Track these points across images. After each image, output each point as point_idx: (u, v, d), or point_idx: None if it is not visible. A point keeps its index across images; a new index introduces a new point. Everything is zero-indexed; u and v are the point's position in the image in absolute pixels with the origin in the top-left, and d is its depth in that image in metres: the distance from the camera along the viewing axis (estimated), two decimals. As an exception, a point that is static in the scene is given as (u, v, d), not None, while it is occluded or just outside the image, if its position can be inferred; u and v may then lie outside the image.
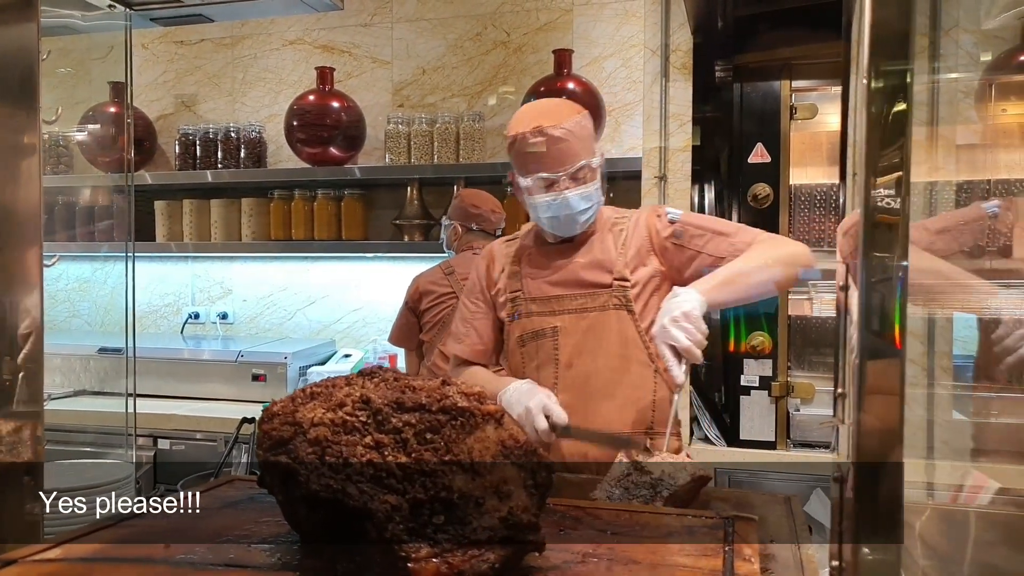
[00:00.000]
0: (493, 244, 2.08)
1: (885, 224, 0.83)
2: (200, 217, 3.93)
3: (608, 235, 1.92)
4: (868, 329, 0.81)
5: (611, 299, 1.86)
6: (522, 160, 1.82)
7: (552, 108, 1.86)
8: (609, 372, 1.86)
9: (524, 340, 1.91)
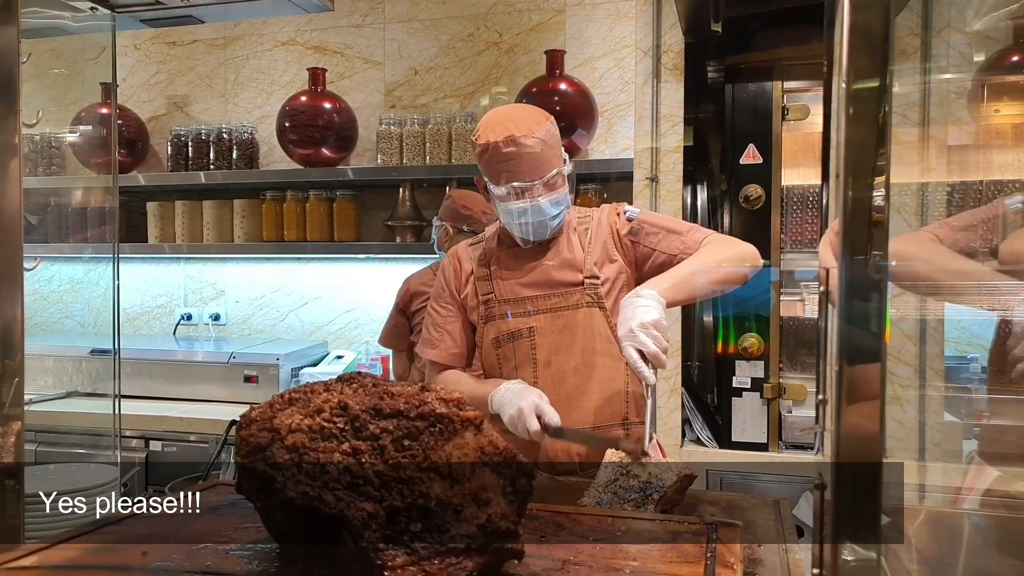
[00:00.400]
0: (457, 248, 2.08)
1: (865, 226, 0.81)
2: (192, 218, 3.92)
3: (574, 235, 1.96)
4: (848, 333, 0.80)
5: (583, 297, 1.90)
6: (494, 169, 1.84)
7: (521, 116, 1.85)
8: (585, 368, 1.90)
9: (500, 342, 1.93)
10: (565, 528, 1.06)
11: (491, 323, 1.95)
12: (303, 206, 3.74)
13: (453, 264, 2.05)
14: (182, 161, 3.89)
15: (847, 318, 0.79)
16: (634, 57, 3.47)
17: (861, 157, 0.83)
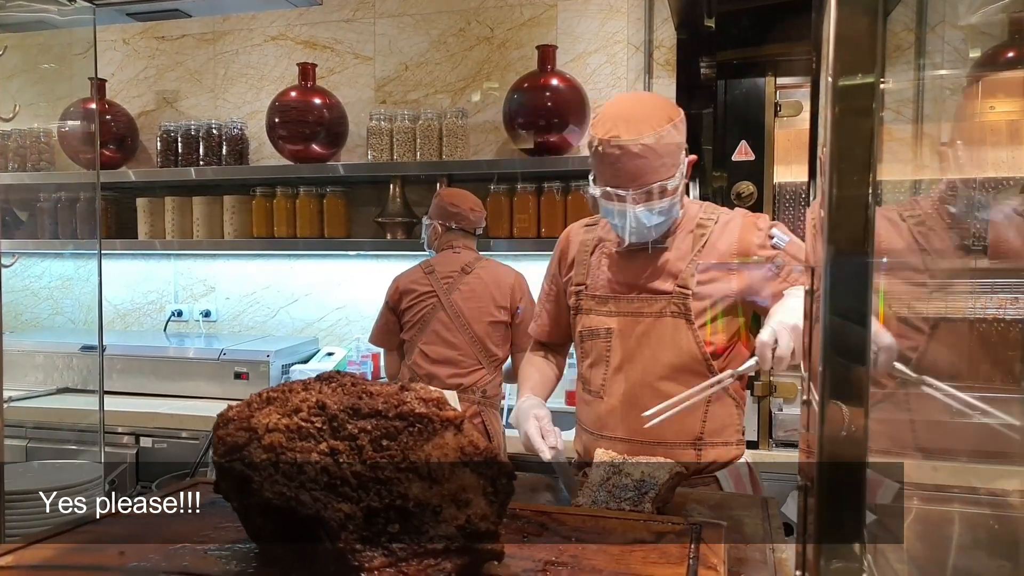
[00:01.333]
0: (571, 228, 2.03)
1: (850, 224, 0.80)
2: (182, 214, 3.90)
3: (687, 237, 1.82)
4: (833, 329, 0.79)
5: (669, 306, 1.79)
6: (596, 165, 1.74)
7: (638, 115, 1.70)
8: (657, 380, 1.79)
9: (583, 336, 1.90)
10: (548, 528, 1.05)
11: (579, 315, 1.91)
12: (293, 202, 3.72)
13: (562, 244, 2.01)
14: (171, 157, 3.87)
15: (832, 313, 0.78)
16: (626, 52, 3.47)
17: (847, 154, 0.82)
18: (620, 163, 1.68)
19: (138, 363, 3.73)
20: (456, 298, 2.91)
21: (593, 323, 1.87)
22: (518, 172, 3.44)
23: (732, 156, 2.87)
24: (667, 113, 1.72)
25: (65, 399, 3.68)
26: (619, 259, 1.86)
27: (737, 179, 2.89)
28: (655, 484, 1.52)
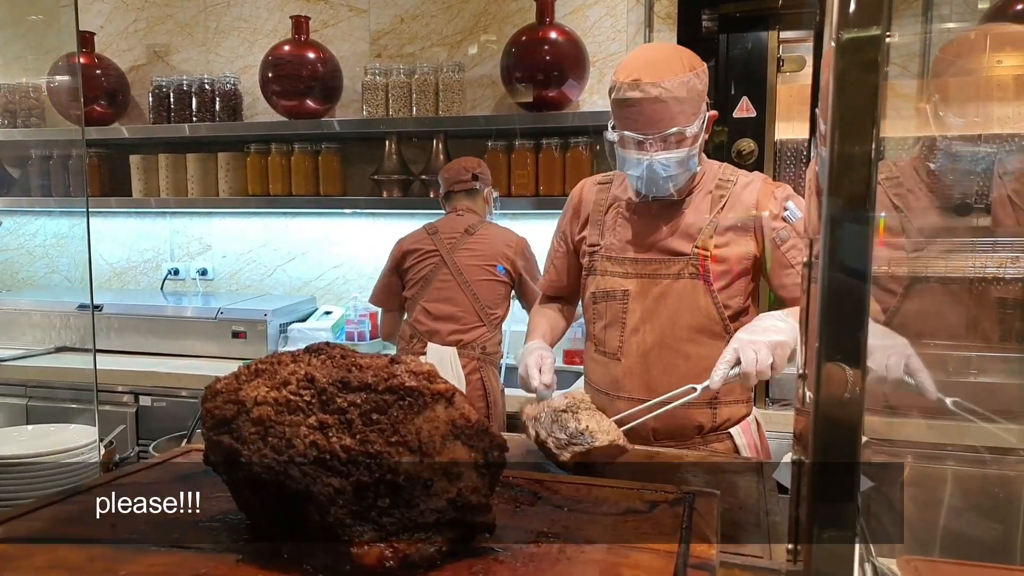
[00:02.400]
0: (584, 184, 2.00)
1: (852, 181, 0.77)
2: (176, 171, 3.86)
3: (706, 199, 1.81)
4: (831, 288, 0.76)
5: (687, 267, 1.79)
6: (616, 110, 1.72)
7: (661, 59, 1.69)
8: (675, 342, 1.80)
9: (596, 298, 1.88)
10: (542, 497, 1.05)
11: (592, 276, 1.90)
12: (288, 159, 3.68)
13: (574, 201, 1.99)
14: (164, 113, 3.81)
15: (831, 270, 0.76)
16: (626, 5, 3.39)
17: (850, 110, 0.79)
18: (639, 107, 1.67)
19: (135, 322, 3.72)
20: (458, 257, 2.91)
21: (608, 285, 1.86)
22: (516, 128, 3.39)
23: (733, 113, 2.81)
24: (690, 62, 1.71)
25: (63, 358, 3.69)
26: (636, 219, 1.84)
27: (738, 136, 2.85)
28: (588, 443, 1.50)
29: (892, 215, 1.87)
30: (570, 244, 2.00)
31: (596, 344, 1.90)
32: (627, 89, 1.66)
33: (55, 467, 1.56)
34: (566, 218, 2.01)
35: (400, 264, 3.03)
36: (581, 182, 2.02)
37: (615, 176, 1.92)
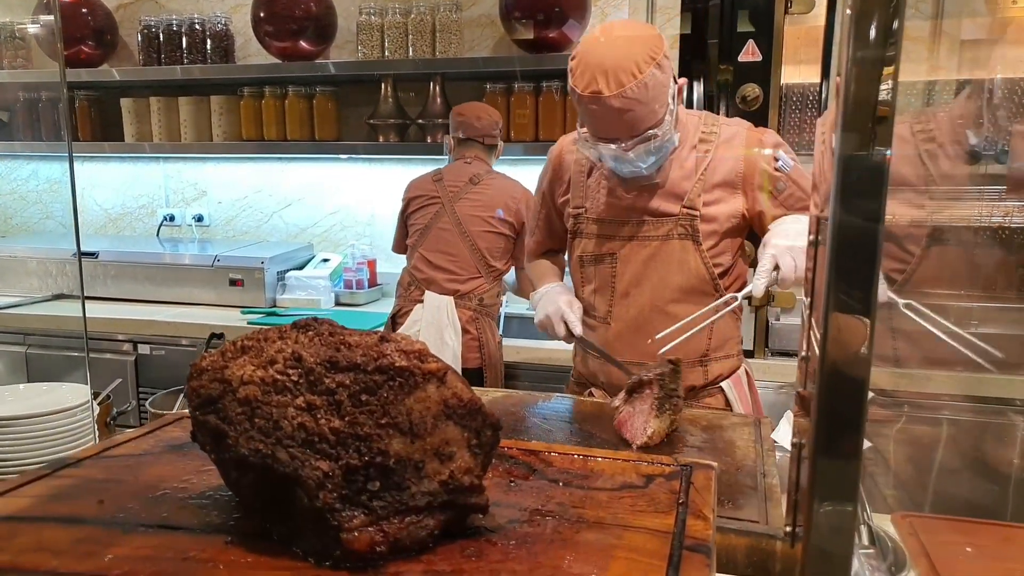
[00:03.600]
0: (562, 144, 1.94)
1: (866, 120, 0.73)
2: (169, 115, 3.78)
3: (690, 155, 1.76)
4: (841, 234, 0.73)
5: (676, 228, 1.76)
6: (582, 115, 1.67)
7: (619, 61, 1.56)
8: (665, 304, 1.79)
9: (583, 261, 1.85)
10: (536, 471, 1.03)
11: (578, 239, 1.86)
12: (282, 103, 3.60)
13: (553, 163, 1.93)
14: (154, 54, 3.71)
15: (843, 212, 0.72)
16: (628, -58, 3.26)
17: (865, 52, 0.74)
18: (606, 118, 1.60)
19: (132, 269, 3.70)
20: (460, 207, 2.87)
21: (596, 248, 1.82)
22: (516, 70, 3.31)
23: (738, 57, 2.73)
24: (648, 51, 1.57)
25: (61, 305, 3.68)
26: (620, 181, 1.79)
27: (743, 81, 2.77)
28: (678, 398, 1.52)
29: (918, 167, 1.83)
30: (553, 206, 1.96)
31: (586, 308, 1.87)
32: (588, 102, 1.59)
33: (48, 428, 1.55)
34: (546, 180, 1.95)
35: (406, 210, 3.01)
36: (559, 141, 1.96)
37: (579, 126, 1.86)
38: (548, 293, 1.86)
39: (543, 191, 1.96)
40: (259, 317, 3.39)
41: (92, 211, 4.24)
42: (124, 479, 1.01)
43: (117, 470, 1.04)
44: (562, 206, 1.91)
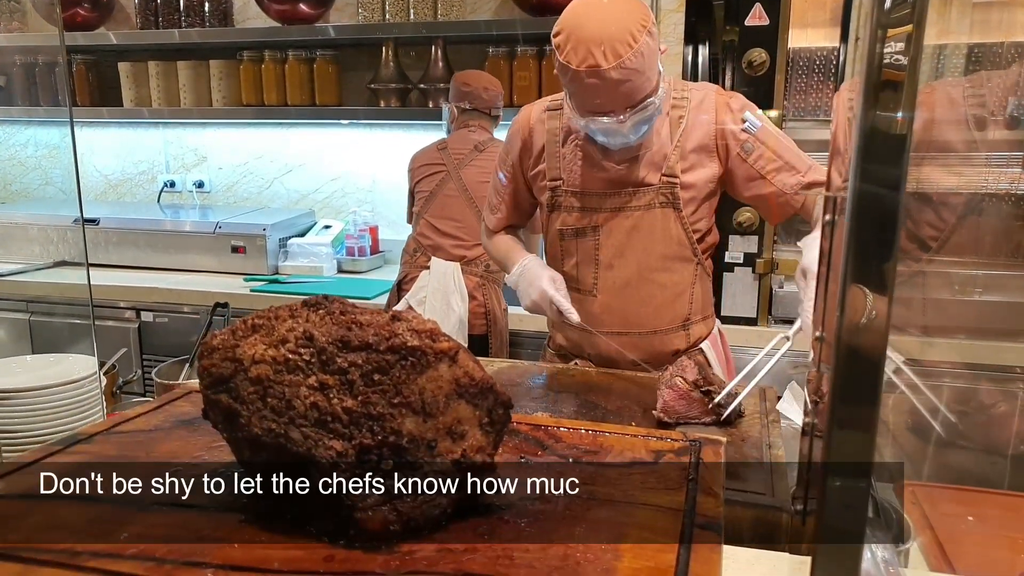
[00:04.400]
0: (531, 112, 1.86)
1: (891, 86, 0.71)
2: (167, 80, 3.73)
3: (664, 122, 1.74)
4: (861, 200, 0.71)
5: (657, 197, 1.75)
6: (572, 91, 1.61)
7: (613, 34, 1.52)
8: (650, 273, 1.79)
9: (564, 235, 1.83)
10: (546, 447, 1.04)
11: (556, 213, 1.83)
12: (282, 67, 3.55)
13: (522, 134, 1.85)
14: (151, 17, 3.66)
15: (862, 181, 0.71)
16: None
17: (890, 7, 0.72)
18: (604, 92, 1.55)
19: (133, 236, 3.68)
20: (466, 174, 2.86)
21: (577, 221, 1.80)
22: (519, 33, 3.25)
23: (745, 21, 2.68)
24: (639, 19, 1.54)
25: (63, 272, 3.67)
26: (598, 151, 1.76)
27: (750, 45, 2.72)
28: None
29: (963, 132, 1.80)
30: (521, 179, 1.89)
31: (569, 281, 1.85)
32: (585, 77, 1.53)
33: (56, 400, 1.55)
34: (515, 151, 1.87)
35: (412, 179, 3.00)
36: (526, 109, 1.87)
37: (566, 101, 1.78)
38: (527, 271, 1.80)
39: (512, 164, 1.88)
40: (262, 284, 3.39)
41: (92, 177, 4.22)
42: (136, 455, 1.02)
43: (129, 446, 1.05)
44: (533, 179, 1.86)
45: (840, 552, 0.76)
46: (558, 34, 1.57)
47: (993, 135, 1.88)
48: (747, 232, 2.72)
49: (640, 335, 1.83)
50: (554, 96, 1.85)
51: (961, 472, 1.71)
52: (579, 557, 0.78)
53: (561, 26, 1.57)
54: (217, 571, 0.76)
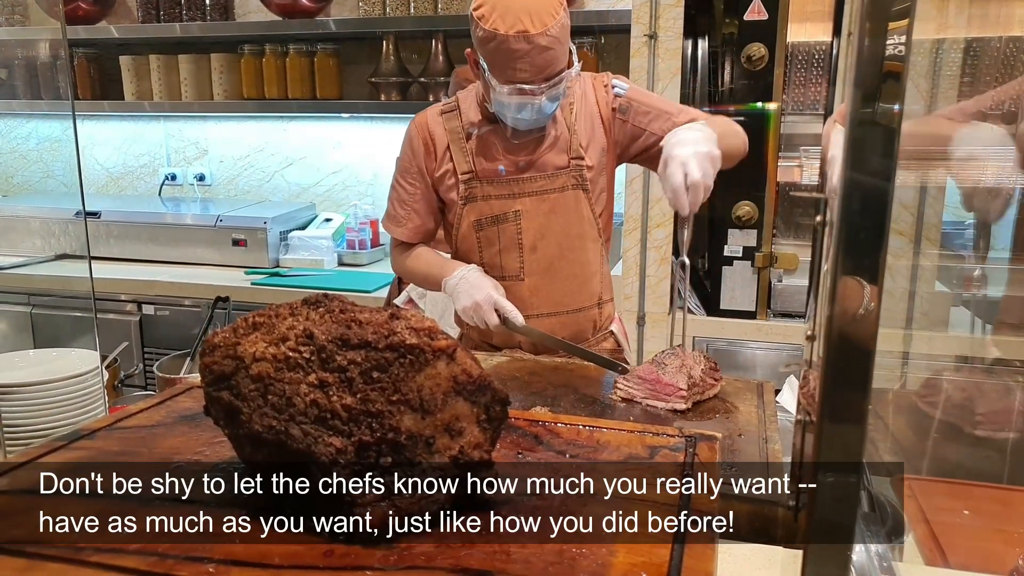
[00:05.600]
0: (426, 116, 1.88)
1: (883, 79, 0.72)
2: (169, 73, 3.74)
3: (559, 110, 1.81)
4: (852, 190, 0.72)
5: (569, 179, 1.82)
6: (496, 61, 1.65)
7: (538, 3, 1.61)
8: (570, 253, 1.86)
9: (482, 224, 1.85)
10: (543, 442, 1.05)
11: (472, 204, 1.85)
12: (283, 61, 3.56)
13: (422, 136, 1.86)
14: (153, 11, 3.66)
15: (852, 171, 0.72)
16: None
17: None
18: (529, 58, 1.61)
19: (134, 229, 3.69)
20: None
21: (495, 208, 1.83)
22: (518, 28, 3.25)
23: (744, 16, 2.68)
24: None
25: (64, 265, 3.68)
26: (504, 140, 1.81)
27: (749, 40, 2.72)
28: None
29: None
30: (428, 182, 1.88)
31: (493, 270, 1.86)
32: (514, 41, 1.59)
33: (59, 394, 1.57)
34: (418, 157, 1.86)
35: None
36: (419, 117, 1.89)
37: (459, 100, 1.87)
38: (467, 276, 1.79)
39: (417, 170, 1.87)
40: (263, 278, 3.40)
41: (93, 170, 4.22)
42: (138, 451, 1.03)
43: (131, 442, 1.06)
44: (440, 179, 1.86)
45: (832, 546, 0.77)
46: (480, 6, 1.65)
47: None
48: (746, 226, 2.73)
49: (568, 313, 1.90)
50: (445, 101, 1.91)
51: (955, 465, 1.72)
52: (575, 552, 0.79)
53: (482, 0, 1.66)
54: (218, 566, 0.78)
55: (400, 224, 1.93)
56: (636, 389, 1.59)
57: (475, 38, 1.69)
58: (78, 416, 1.59)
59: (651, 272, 2.80)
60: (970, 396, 1.85)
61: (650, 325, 2.81)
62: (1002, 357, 1.98)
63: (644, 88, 2.10)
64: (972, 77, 2.47)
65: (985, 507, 1.43)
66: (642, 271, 2.80)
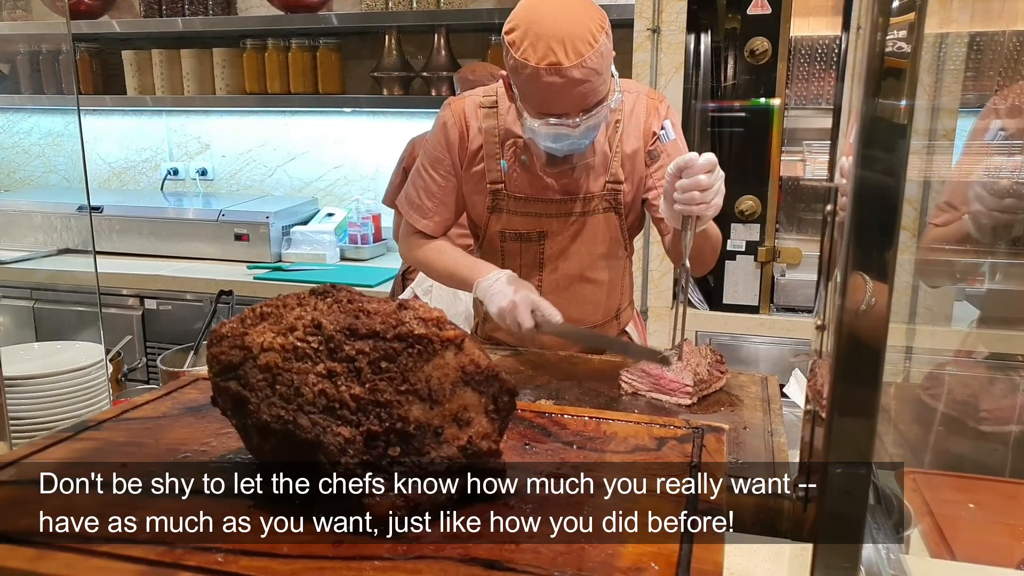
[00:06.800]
0: (464, 107, 1.75)
1: (893, 74, 0.72)
2: (171, 68, 3.74)
3: (602, 128, 1.69)
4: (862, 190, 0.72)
5: (601, 203, 1.75)
6: (528, 92, 1.53)
7: (574, 31, 1.46)
8: (592, 272, 1.81)
9: (505, 237, 1.79)
10: (551, 434, 1.05)
11: (498, 214, 1.77)
12: (285, 56, 3.55)
13: (459, 126, 1.73)
14: (155, 5, 3.66)
15: (863, 168, 0.71)
16: None
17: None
18: (565, 92, 1.48)
19: (137, 224, 3.69)
20: None
21: (520, 226, 1.77)
22: (521, 22, 3.24)
23: (747, 10, 2.68)
24: (597, 18, 1.49)
25: (67, 260, 3.68)
26: (541, 159, 1.71)
27: (752, 34, 2.72)
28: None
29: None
30: (459, 175, 1.78)
31: None
32: (545, 75, 1.46)
33: (63, 387, 1.57)
34: (452, 148, 1.75)
35: (412, 163, 2.99)
36: (456, 105, 1.76)
37: (500, 99, 1.72)
38: (506, 278, 1.70)
39: (451, 163, 1.77)
40: (265, 272, 3.40)
41: (95, 165, 4.22)
42: (145, 442, 1.03)
43: (138, 433, 1.06)
44: (468, 178, 1.77)
45: (841, 538, 0.77)
46: (512, 30, 1.50)
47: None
48: (749, 220, 2.73)
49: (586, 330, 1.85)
50: (486, 90, 1.77)
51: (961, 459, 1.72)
52: (583, 543, 0.79)
53: (516, 22, 1.50)
54: (227, 555, 0.78)
55: (426, 216, 1.82)
56: (641, 383, 1.59)
57: (506, 64, 1.55)
58: (83, 409, 1.60)
59: (654, 267, 2.80)
60: (974, 392, 1.85)
61: (653, 320, 2.81)
62: (1006, 352, 1.98)
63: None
64: (976, 72, 2.47)
65: (990, 500, 1.44)
66: (645, 266, 2.80)
